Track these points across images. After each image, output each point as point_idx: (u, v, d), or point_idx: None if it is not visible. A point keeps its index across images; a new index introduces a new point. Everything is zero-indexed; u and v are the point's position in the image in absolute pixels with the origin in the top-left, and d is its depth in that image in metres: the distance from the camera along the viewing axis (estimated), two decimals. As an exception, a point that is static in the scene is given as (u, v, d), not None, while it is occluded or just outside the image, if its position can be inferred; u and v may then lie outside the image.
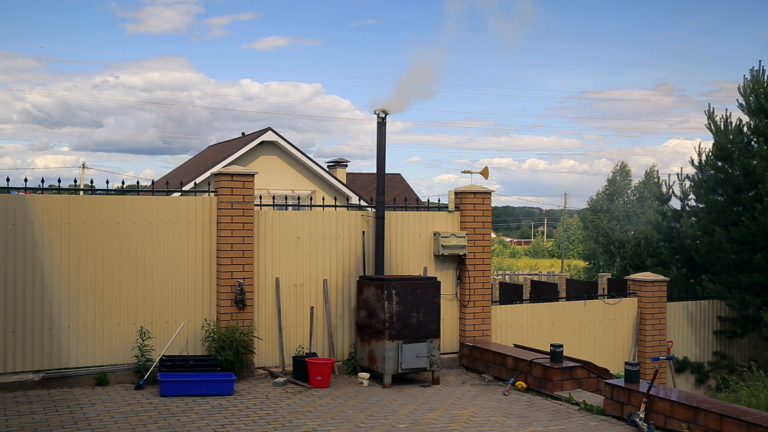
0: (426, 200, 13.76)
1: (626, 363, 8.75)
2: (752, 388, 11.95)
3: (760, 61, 15.66)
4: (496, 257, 58.74)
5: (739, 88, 15.89)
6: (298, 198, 12.55)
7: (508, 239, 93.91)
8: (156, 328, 9.89)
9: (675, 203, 17.56)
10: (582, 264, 38.02)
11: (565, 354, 10.10)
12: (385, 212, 11.05)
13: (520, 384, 9.98)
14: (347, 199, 25.49)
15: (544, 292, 17.01)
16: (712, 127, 15.95)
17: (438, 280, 10.65)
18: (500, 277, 37.89)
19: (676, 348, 14.03)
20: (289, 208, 11.53)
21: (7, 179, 9.43)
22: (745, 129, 15.74)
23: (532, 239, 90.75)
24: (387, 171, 11.51)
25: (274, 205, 11.36)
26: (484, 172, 12.59)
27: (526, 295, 18.58)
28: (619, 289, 14.49)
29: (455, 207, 11.90)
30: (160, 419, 7.97)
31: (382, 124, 10.98)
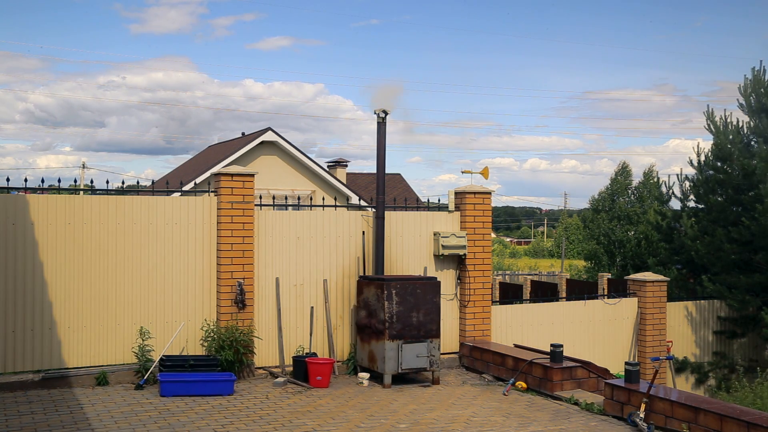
0: (426, 200, 13.77)
1: (626, 363, 8.75)
2: (757, 390, 11.87)
3: (761, 61, 15.66)
4: (496, 257, 58.70)
5: (739, 88, 15.89)
6: (298, 198, 12.54)
7: (508, 239, 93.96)
8: (156, 328, 9.89)
9: (675, 204, 17.59)
10: (582, 264, 38.03)
11: (565, 354, 10.10)
12: (385, 212, 11.05)
13: (520, 384, 9.98)
14: (347, 199, 25.49)
15: (544, 292, 17.04)
16: (712, 127, 15.95)
17: (438, 280, 10.64)
18: (500, 277, 37.87)
19: (676, 348, 14.02)
20: (289, 208, 11.52)
21: (7, 179, 9.44)
22: (744, 129, 15.75)
23: (532, 239, 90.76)
24: (387, 171, 11.51)
25: (274, 205, 11.36)
26: (484, 172, 12.60)
27: (526, 295, 18.62)
28: (619, 289, 14.50)
29: (455, 207, 11.90)
30: (160, 419, 7.97)
31: (382, 124, 10.97)
